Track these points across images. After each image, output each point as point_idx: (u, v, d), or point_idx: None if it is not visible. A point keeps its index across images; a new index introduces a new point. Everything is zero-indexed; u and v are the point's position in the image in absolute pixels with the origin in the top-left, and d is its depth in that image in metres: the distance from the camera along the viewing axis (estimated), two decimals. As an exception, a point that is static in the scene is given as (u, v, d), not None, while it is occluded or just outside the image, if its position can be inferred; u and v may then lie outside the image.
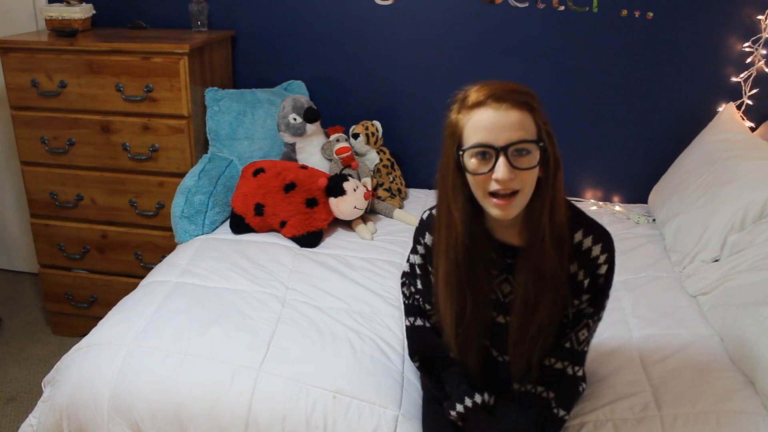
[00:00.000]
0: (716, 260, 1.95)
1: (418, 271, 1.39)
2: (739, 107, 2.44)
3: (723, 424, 1.40)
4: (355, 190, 2.24)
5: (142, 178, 2.44)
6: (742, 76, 2.42)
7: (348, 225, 2.34)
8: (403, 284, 1.47)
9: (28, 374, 2.49)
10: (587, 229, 1.21)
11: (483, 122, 1.07)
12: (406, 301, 1.47)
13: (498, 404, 1.37)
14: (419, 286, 1.42)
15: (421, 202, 2.59)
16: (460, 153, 1.11)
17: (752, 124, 2.44)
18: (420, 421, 1.49)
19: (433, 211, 1.29)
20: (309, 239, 2.19)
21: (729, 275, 1.81)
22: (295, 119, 2.42)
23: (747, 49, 2.39)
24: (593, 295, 1.25)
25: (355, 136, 2.56)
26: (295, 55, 2.69)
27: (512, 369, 1.31)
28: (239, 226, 2.24)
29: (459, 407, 1.34)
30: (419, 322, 1.44)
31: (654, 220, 2.41)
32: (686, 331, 1.75)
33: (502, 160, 1.06)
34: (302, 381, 1.52)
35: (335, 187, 2.22)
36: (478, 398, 1.34)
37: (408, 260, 1.45)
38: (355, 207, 2.24)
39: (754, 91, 2.41)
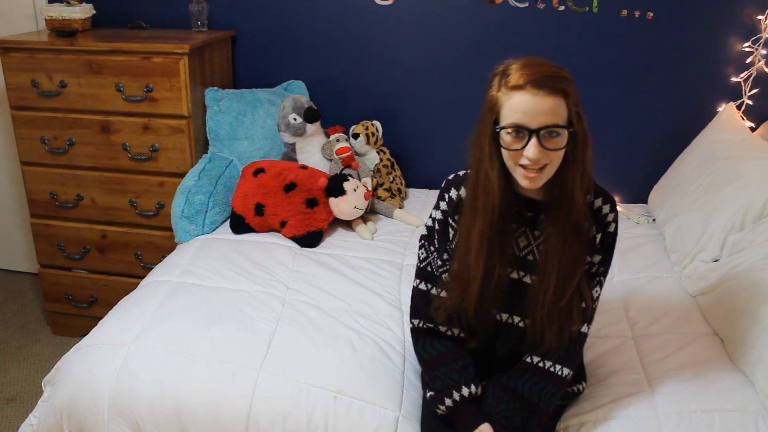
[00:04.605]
0: (716, 260, 1.95)
1: (437, 226, 1.43)
2: (739, 107, 2.44)
3: (722, 423, 1.40)
4: (355, 190, 2.24)
5: (142, 178, 2.44)
6: (742, 76, 2.42)
7: (348, 225, 2.34)
8: (420, 246, 1.49)
9: (28, 374, 2.49)
10: (597, 193, 1.36)
11: (521, 105, 1.17)
12: (419, 264, 1.49)
13: (486, 393, 1.40)
14: (436, 245, 1.44)
15: (421, 202, 2.59)
16: (497, 129, 1.21)
17: (752, 124, 2.45)
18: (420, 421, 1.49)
19: (460, 173, 1.39)
20: (309, 239, 2.19)
21: (729, 275, 1.81)
22: (295, 119, 2.42)
23: (747, 49, 2.39)
24: (604, 253, 1.36)
25: (355, 136, 2.56)
26: (295, 55, 2.69)
27: (530, 331, 1.36)
28: (239, 226, 2.24)
29: (447, 401, 1.37)
30: (426, 287, 1.46)
31: (654, 220, 2.41)
32: (686, 331, 1.75)
33: (533, 140, 1.17)
34: (303, 381, 1.52)
35: (335, 187, 2.22)
36: (465, 391, 1.37)
37: (426, 223, 1.49)
38: (355, 207, 2.24)
39: (754, 91, 2.42)
